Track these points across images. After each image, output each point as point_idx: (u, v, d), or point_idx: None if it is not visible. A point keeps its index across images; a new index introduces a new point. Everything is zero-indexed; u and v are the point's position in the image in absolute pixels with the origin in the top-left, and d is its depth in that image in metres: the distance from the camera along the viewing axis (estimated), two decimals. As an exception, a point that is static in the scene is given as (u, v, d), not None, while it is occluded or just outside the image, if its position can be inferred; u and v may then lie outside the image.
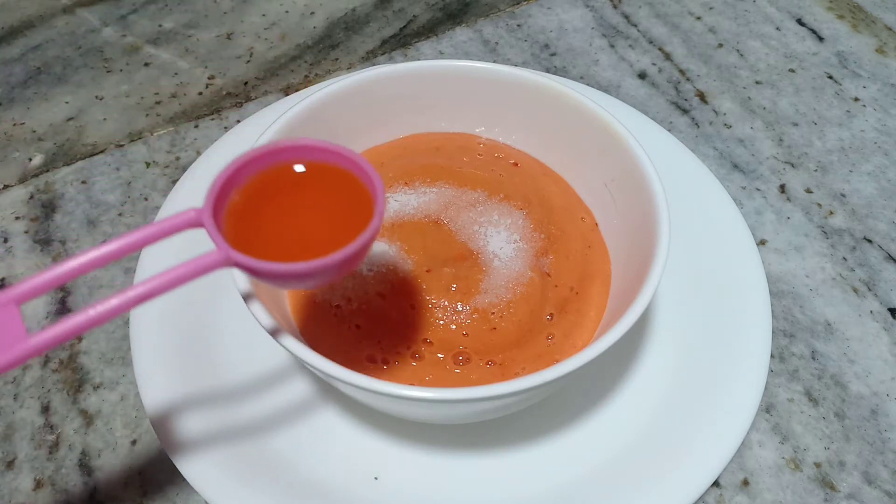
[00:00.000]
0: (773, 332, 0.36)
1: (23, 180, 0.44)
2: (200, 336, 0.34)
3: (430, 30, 0.53)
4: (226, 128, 0.46)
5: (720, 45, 0.52)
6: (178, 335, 0.34)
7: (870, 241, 0.41)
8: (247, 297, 0.27)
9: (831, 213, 0.42)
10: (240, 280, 0.27)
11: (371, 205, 0.24)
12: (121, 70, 0.50)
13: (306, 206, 0.25)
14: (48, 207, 0.42)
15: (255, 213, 0.24)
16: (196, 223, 0.23)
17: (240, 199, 0.24)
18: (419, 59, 0.45)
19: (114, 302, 0.21)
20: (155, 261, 0.36)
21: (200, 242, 0.24)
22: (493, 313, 0.31)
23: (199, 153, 0.44)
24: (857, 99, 0.48)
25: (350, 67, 0.50)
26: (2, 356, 0.20)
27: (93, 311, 0.21)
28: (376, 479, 0.31)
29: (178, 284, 0.22)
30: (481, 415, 0.30)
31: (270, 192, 0.25)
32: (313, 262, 0.22)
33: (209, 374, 0.33)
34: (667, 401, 0.33)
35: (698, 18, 0.54)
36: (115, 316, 0.21)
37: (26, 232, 0.41)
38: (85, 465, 0.33)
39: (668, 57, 0.51)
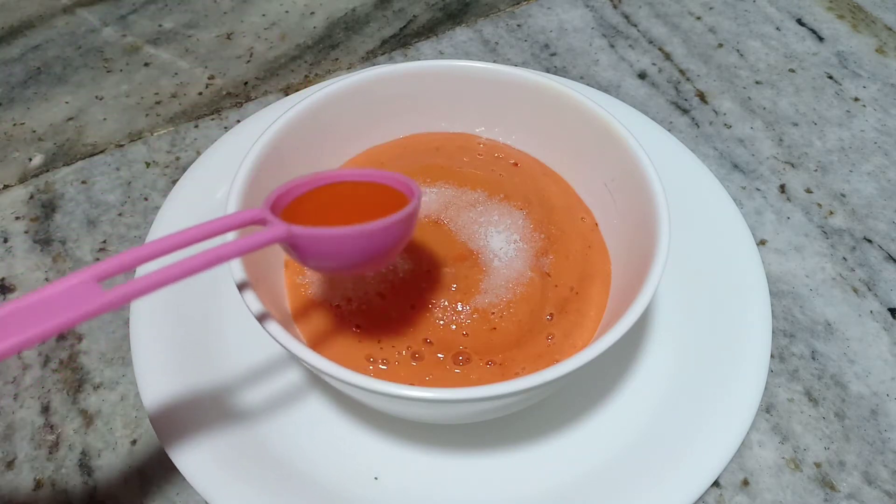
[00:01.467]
0: (773, 332, 0.36)
1: (23, 180, 0.44)
2: (200, 337, 0.34)
3: (430, 30, 0.53)
4: (226, 128, 0.46)
5: (720, 45, 0.52)
6: (178, 336, 0.34)
7: (870, 241, 0.41)
8: (245, 292, 0.27)
9: (831, 213, 0.42)
10: (237, 273, 0.27)
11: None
12: (121, 70, 0.50)
13: (354, 209, 0.28)
14: (48, 207, 0.42)
15: (308, 214, 0.27)
16: (259, 219, 0.25)
17: (293, 204, 0.27)
18: (419, 59, 0.45)
19: (189, 264, 0.22)
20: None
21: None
22: (493, 313, 0.31)
23: (199, 153, 0.44)
24: (857, 99, 0.48)
25: (350, 67, 0.50)
26: (80, 307, 0.20)
27: (169, 271, 0.22)
28: (376, 479, 0.31)
29: (245, 252, 0.24)
30: (481, 415, 0.30)
31: (320, 200, 0.27)
32: (364, 226, 0.25)
33: (209, 375, 0.33)
34: (667, 401, 0.33)
35: (698, 18, 0.54)
36: (186, 277, 0.22)
37: (26, 232, 0.41)
38: (85, 465, 0.33)
39: (668, 57, 0.51)
